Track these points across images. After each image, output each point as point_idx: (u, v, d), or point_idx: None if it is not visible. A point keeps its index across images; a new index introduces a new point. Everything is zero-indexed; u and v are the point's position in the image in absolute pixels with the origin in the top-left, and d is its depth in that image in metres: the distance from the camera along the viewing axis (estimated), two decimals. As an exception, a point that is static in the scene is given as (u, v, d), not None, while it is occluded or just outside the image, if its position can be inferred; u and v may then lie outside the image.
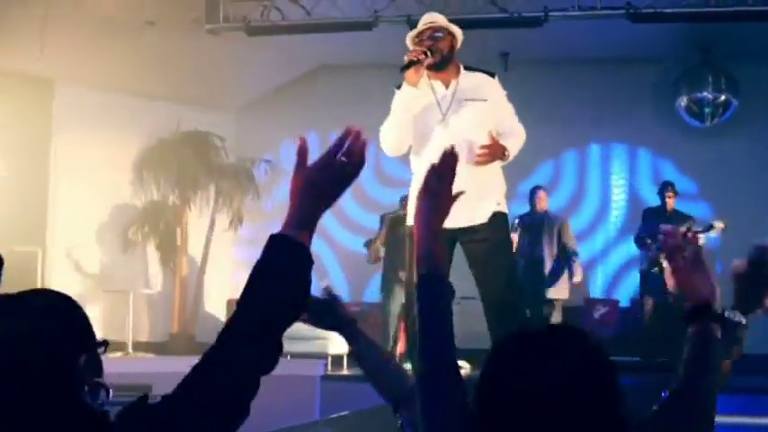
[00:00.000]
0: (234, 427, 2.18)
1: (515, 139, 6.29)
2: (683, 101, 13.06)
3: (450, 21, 9.90)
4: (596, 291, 13.72)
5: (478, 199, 6.09)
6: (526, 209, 11.70)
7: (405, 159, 6.38)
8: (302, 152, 2.31)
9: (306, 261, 2.23)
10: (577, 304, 12.84)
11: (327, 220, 14.20)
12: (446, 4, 10.67)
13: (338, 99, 14.09)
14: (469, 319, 12.02)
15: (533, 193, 11.79)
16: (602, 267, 13.92)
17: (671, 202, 11.64)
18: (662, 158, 13.85)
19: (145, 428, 2.13)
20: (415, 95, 6.15)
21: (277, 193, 14.44)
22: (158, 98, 13.54)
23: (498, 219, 6.29)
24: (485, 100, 6.19)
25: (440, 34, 6.25)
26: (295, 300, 2.22)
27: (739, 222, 13.15)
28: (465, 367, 10.96)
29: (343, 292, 13.11)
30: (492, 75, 6.39)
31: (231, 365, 2.16)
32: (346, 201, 14.42)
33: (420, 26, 6.32)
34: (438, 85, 6.22)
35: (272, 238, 2.21)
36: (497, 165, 6.30)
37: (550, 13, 10.56)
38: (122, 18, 11.66)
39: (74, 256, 13.02)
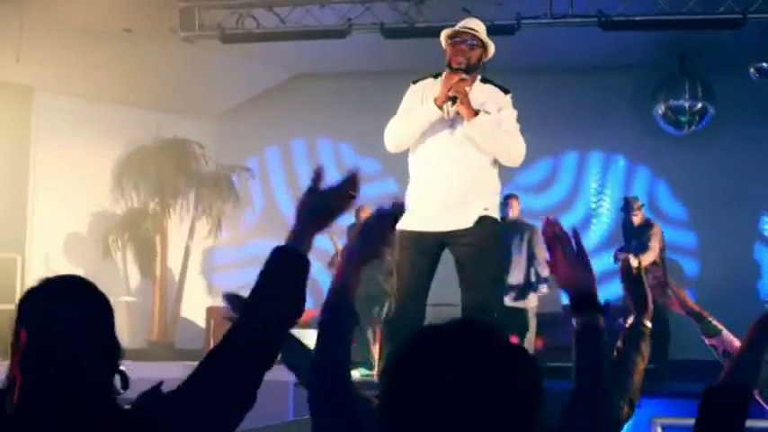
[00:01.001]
0: (240, 414, 2.52)
1: (506, 135, 6.30)
2: (660, 108, 13.09)
3: (422, 28, 10.01)
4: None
5: (463, 204, 6.16)
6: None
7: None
8: (318, 178, 2.70)
9: (305, 269, 2.60)
10: (554, 311, 12.83)
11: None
12: (418, 12, 10.75)
13: (317, 106, 14.16)
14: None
15: (504, 201, 11.82)
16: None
17: (636, 220, 11.67)
18: (639, 166, 13.89)
19: (160, 415, 2.46)
20: (425, 99, 6.27)
21: (256, 201, 14.50)
22: (138, 105, 13.59)
23: (485, 223, 6.29)
24: (488, 113, 6.24)
25: (474, 43, 6.36)
26: (296, 301, 2.59)
27: (716, 229, 13.25)
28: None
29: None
30: (506, 91, 6.43)
31: (238, 360, 2.51)
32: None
33: (458, 27, 6.39)
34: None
35: (279, 249, 2.60)
36: (492, 170, 6.36)
37: (523, 21, 10.59)
38: (99, 26, 11.73)
39: (53, 263, 13.03)
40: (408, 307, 6.29)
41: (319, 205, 2.67)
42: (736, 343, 3.60)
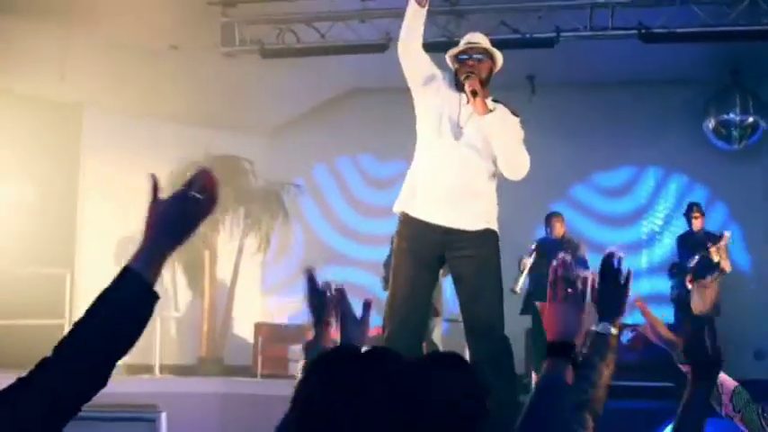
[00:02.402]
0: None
1: (514, 141, 6.20)
2: (710, 123, 12.91)
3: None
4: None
5: (464, 203, 6.11)
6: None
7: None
8: (154, 187, 2.39)
9: (144, 296, 2.30)
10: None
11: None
12: (458, 26, 10.70)
13: (368, 122, 14.14)
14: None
15: (549, 219, 11.77)
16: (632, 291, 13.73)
17: (697, 223, 11.58)
18: (691, 181, 13.69)
19: None
20: (442, 87, 6.25)
21: (306, 217, 14.52)
22: (187, 122, 13.67)
23: (488, 237, 6.23)
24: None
25: (481, 56, 6.31)
26: (128, 331, 2.27)
27: (768, 243, 13.03)
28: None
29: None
30: (516, 114, 6.34)
31: (57, 380, 2.17)
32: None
33: (462, 45, 6.37)
34: (463, 97, 6.22)
35: (122, 270, 2.31)
36: (491, 183, 6.29)
37: (562, 34, 10.50)
38: (145, 43, 11.83)
39: (102, 279, 13.10)
40: (408, 323, 6.20)
41: (172, 214, 2.38)
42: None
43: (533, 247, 11.36)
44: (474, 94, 6.04)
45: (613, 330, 2.82)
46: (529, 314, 11.57)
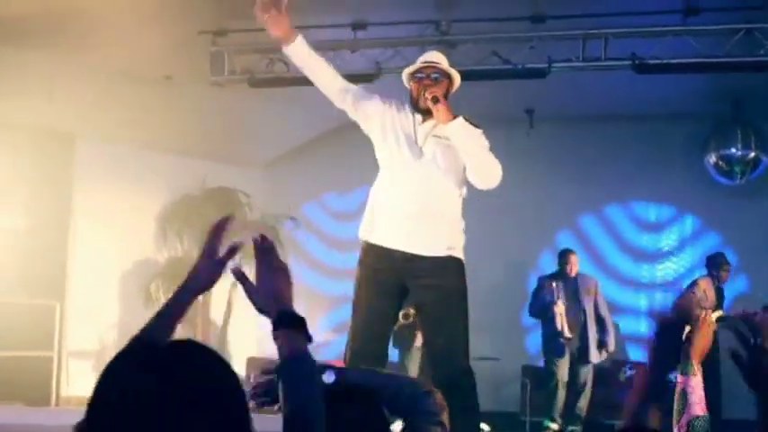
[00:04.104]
0: None
1: (483, 148, 6.03)
2: (711, 158, 12.71)
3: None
4: (623, 352, 13.31)
5: (425, 228, 5.91)
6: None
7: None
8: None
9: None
10: (603, 365, 12.49)
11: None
12: (448, 55, 10.52)
13: (366, 157, 13.95)
14: (493, 381, 11.87)
15: (564, 256, 11.62)
16: (633, 328, 13.52)
17: (725, 276, 11.44)
18: (691, 216, 13.48)
19: None
20: (391, 108, 6.14)
21: (303, 251, 14.35)
22: (182, 154, 13.56)
23: (451, 264, 6.04)
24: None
25: (438, 75, 6.15)
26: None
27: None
28: (485, 430, 10.76)
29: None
30: (477, 126, 6.10)
31: None
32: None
33: (419, 63, 6.21)
34: (418, 117, 6.10)
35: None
36: (457, 203, 6.12)
37: (554, 65, 10.32)
38: (138, 73, 11.73)
39: (93, 311, 13.00)
40: (367, 354, 6.01)
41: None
42: (699, 391, 3.35)
43: (554, 286, 11.28)
44: (435, 100, 5.88)
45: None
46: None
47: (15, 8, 9.89)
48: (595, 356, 11.44)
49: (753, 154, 12.51)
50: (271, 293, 2.41)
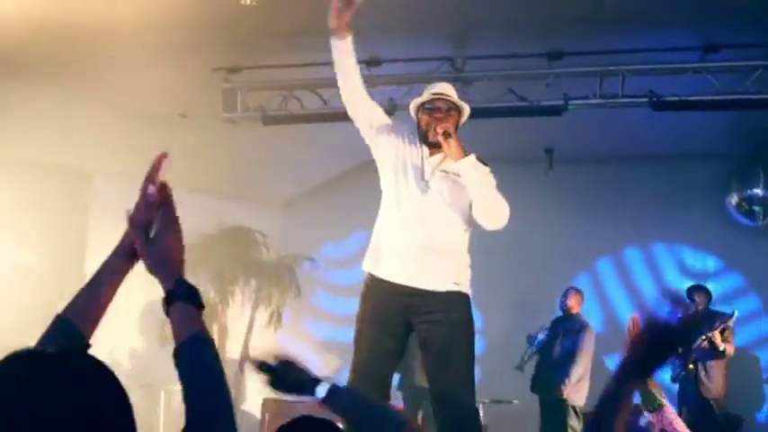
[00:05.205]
0: None
1: (492, 187, 5.93)
2: (734, 198, 12.53)
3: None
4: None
5: (431, 263, 5.77)
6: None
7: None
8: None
9: None
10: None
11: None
12: (464, 92, 10.44)
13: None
14: (509, 425, 11.67)
15: (566, 294, 11.47)
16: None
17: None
18: (713, 257, 13.28)
19: None
20: (401, 139, 6.04)
21: (320, 293, 14.21)
22: (199, 192, 13.43)
23: (457, 300, 5.91)
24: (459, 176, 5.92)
25: (449, 108, 6.04)
26: None
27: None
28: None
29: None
30: (485, 163, 6.03)
31: None
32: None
33: (428, 95, 6.09)
34: (425, 150, 6.01)
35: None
36: (463, 237, 6.01)
37: (571, 102, 10.19)
38: (153, 111, 11.67)
39: (108, 350, 12.89)
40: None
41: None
42: (678, 425, 3.18)
43: (548, 324, 11.19)
44: (447, 135, 5.76)
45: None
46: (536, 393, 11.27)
47: (30, 46, 9.86)
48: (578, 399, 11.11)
49: (775, 195, 12.32)
50: (165, 251, 2.23)
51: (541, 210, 12.77)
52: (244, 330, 13.74)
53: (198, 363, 2.12)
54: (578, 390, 10.95)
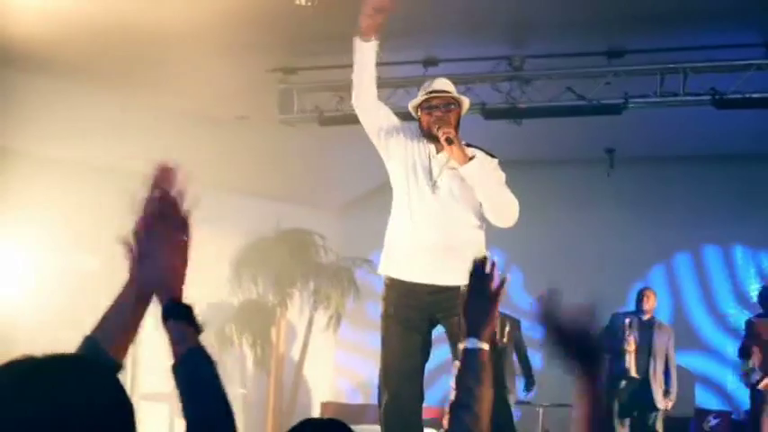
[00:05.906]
0: None
1: (500, 186, 5.92)
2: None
3: (524, 108, 9.62)
4: (710, 401, 12.85)
5: (449, 258, 5.69)
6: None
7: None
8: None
9: None
10: (686, 414, 12.10)
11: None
12: (522, 92, 10.33)
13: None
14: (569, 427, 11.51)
15: (641, 292, 11.38)
16: (716, 377, 13.07)
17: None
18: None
19: None
20: (408, 139, 6.04)
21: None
22: (258, 195, 13.45)
23: None
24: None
25: (450, 104, 6.02)
26: None
27: None
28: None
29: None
30: (492, 156, 6.02)
31: None
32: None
33: (427, 93, 6.06)
34: (432, 148, 5.98)
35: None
36: (479, 231, 6.00)
37: (631, 100, 10.03)
38: (212, 113, 11.67)
39: (165, 354, 12.88)
40: (401, 393, 5.88)
41: None
42: None
43: (626, 322, 11.07)
44: (449, 141, 5.72)
45: (484, 346, 2.56)
46: None
47: (88, 49, 9.89)
48: (661, 402, 11.07)
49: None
50: (160, 270, 2.14)
51: (603, 210, 12.63)
52: (303, 333, 13.68)
53: (196, 377, 2.06)
54: None
